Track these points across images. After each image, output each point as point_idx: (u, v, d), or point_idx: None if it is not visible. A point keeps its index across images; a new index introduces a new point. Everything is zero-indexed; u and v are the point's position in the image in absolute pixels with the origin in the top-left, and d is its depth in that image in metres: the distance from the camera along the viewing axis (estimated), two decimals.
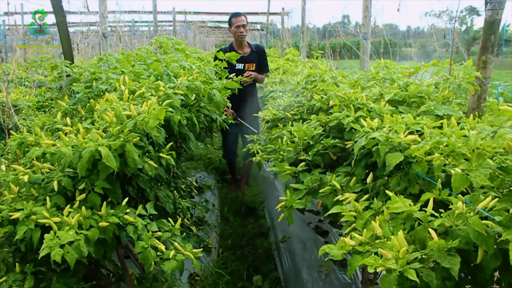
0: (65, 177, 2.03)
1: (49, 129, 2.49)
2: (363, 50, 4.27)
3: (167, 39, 3.76)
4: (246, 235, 4.68)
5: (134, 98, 2.29)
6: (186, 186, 4.08)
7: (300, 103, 3.72)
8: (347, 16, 34.72)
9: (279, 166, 2.56)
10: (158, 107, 1.91)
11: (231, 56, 3.26)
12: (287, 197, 2.41)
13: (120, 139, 1.88)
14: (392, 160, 1.73)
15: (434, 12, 30.51)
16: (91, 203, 2.03)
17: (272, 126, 3.68)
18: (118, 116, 1.97)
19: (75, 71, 2.88)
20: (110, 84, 2.71)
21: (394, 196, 1.64)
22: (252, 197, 5.60)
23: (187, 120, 2.86)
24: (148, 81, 2.50)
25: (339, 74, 3.46)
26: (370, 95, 2.45)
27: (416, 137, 1.75)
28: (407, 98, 2.39)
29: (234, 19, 5.31)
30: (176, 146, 3.29)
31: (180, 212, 3.45)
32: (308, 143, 2.82)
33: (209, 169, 6.37)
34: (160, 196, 3.03)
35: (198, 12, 11.83)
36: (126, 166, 2.08)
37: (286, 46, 9.99)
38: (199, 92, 2.56)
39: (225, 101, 3.18)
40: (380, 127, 1.95)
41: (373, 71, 2.86)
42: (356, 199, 2.16)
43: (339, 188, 2.23)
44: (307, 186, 2.41)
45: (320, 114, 3.20)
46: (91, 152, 1.74)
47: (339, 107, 2.49)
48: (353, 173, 2.44)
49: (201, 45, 19.97)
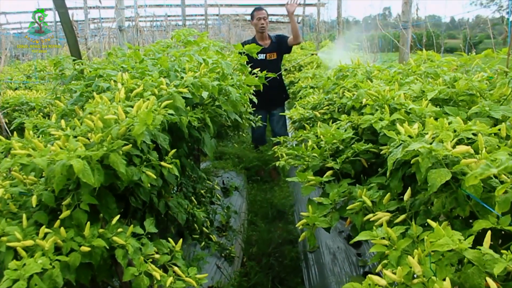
0: (47, 191, 1.75)
1: (43, 133, 2.23)
2: (403, 40, 3.83)
3: (186, 31, 3.45)
4: (273, 241, 4.35)
5: (131, 98, 1.99)
6: (206, 191, 3.78)
7: (330, 101, 3.34)
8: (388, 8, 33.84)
9: (301, 176, 2.20)
10: (145, 111, 1.59)
11: (250, 49, 2.92)
12: (309, 213, 2.05)
13: (103, 148, 1.57)
14: (436, 179, 1.35)
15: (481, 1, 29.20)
16: (76, 221, 1.74)
17: (299, 126, 3.33)
18: (104, 121, 1.66)
19: (77, 68, 2.60)
20: (114, 81, 2.42)
21: (439, 228, 1.27)
22: (282, 200, 5.26)
23: (199, 121, 2.55)
24: (151, 78, 2.19)
25: (374, 68, 3.06)
26: (409, 93, 2.05)
27: (468, 149, 1.36)
28: (455, 96, 1.98)
29: (256, 13, 5.83)
30: (189, 149, 2.99)
31: (195, 222, 3.16)
32: (337, 147, 2.45)
33: (238, 168, 6.06)
34: (171, 205, 2.74)
35: (231, 4, 11.50)
36: (117, 179, 1.79)
37: (322, 39, 9.56)
38: (207, 90, 2.23)
39: (244, 99, 2.85)
40: (421, 134, 1.57)
41: (413, 64, 2.45)
42: (391, 219, 1.80)
43: (370, 205, 1.86)
44: (333, 200, 2.05)
45: (352, 113, 2.82)
46: (63, 166, 1.44)
47: (371, 108, 2.10)
48: (388, 185, 2.06)
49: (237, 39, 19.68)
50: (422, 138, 1.52)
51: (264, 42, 5.92)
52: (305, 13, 12.98)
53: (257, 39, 5.95)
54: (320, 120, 3.13)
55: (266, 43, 5.92)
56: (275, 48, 5.92)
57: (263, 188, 5.82)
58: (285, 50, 6.08)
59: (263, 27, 5.81)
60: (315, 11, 14.51)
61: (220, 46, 3.40)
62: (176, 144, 2.62)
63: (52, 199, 1.72)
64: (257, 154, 6.46)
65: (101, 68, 2.58)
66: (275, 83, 5.23)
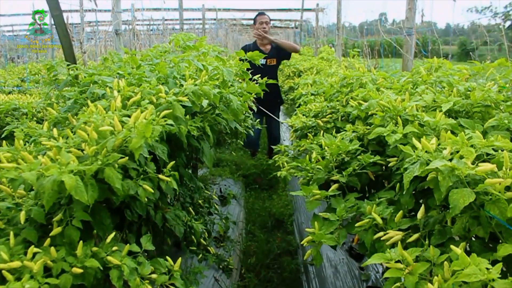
0: (37, 205, 1.63)
1: (35, 142, 2.11)
2: (407, 47, 3.74)
3: (184, 35, 3.34)
4: (272, 252, 4.23)
5: (128, 107, 1.87)
6: (204, 201, 3.66)
7: (333, 109, 3.24)
8: (384, 14, 33.89)
9: (306, 190, 2.10)
10: (144, 122, 1.48)
11: (253, 56, 2.82)
12: (315, 230, 1.94)
13: (98, 162, 1.46)
14: (458, 200, 1.25)
15: (477, 8, 29.32)
16: (68, 238, 1.63)
17: (301, 135, 3.22)
18: (99, 132, 1.55)
19: (71, 73, 2.49)
20: (110, 88, 2.30)
21: (464, 255, 1.16)
22: (280, 209, 5.14)
23: (198, 130, 2.44)
24: (149, 85, 2.08)
25: (379, 75, 2.96)
26: (421, 104, 1.95)
27: (493, 168, 1.26)
28: (469, 107, 1.88)
29: (259, 17, 5.97)
30: (188, 159, 2.88)
31: (193, 234, 3.04)
32: (342, 159, 2.35)
33: (236, 176, 5.95)
34: (169, 218, 2.63)
35: (229, 8, 11.40)
36: (113, 194, 1.67)
37: (321, 45, 9.47)
38: (209, 99, 2.12)
39: (245, 107, 2.74)
40: (438, 150, 1.46)
41: (423, 72, 2.35)
42: (403, 237, 1.69)
43: (380, 222, 1.76)
44: (340, 216, 1.94)
45: (357, 122, 2.71)
46: (54, 182, 1.33)
47: (382, 119, 2.00)
48: (398, 200, 1.96)
49: (234, 44, 19.58)
50: (440, 153, 1.41)
51: (265, 47, 6.02)
52: (303, 18, 12.89)
53: (258, 44, 6.04)
54: (323, 129, 3.02)
55: (267, 48, 6.02)
56: (275, 54, 5.99)
57: (261, 196, 5.71)
58: (284, 57, 6.15)
59: (264, 31, 5.91)
60: (312, 16, 14.44)
61: (219, 51, 3.30)
62: (174, 154, 2.51)
63: (42, 215, 1.60)
64: (255, 162, 6.37)
65: (96, 74, 2.47)
66: (272, 88, 5.20)
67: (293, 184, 5.71)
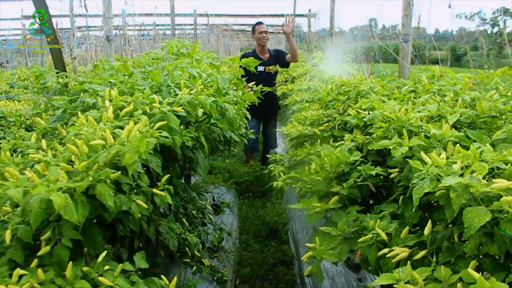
0: (24, 223, 1.54)
1: (22, 153, 2.01)
2: (403, 54, 3.68)
3: (178, 42, 3.26)
4: (266, 262, 4.15)
5: (121, 117, 1.79)
6: (197, 211, 3.57)
7: (330, 117, 3.17)
8: (374, 19, 34.01)
9: (306, 203, 2.02)
10: (139, 135, 1.39)
11: (248, 62, 2.74)
12: (315, 245, 1.87)
13: (89, 178, 1.37)
14: (474, 220, 1.18)
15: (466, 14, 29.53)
16: (57, 258, 1.54)
17: (297, 144, 3.15)
18: (90, 146, 1.46)
19: (60, 81, 2.40)
20: (101, 97, 2.21)
21: (483, 280, 1.09)
22: (274, 217, 5.05)
23: (193, 140, 2.36)
24: (142, 95, 1.99)
25: (377, 83, 2.91)
26: (424, 114, 1.88)
27: (509, 184, 1.19)
28: (475, 118, 1.82)
29: (257, 27, 6.19)
30: (181, 169, 2.80)
31: (187, 246, 2.95)
32: (342, 170, 2.27)
33: (229, 184, 5.86)
34: (162, 231, 2.54)
35: (221, 14, 11.31)
36: (105, 211, 1.59)
37: (314, 50, 9.41)
38: (206, 109, 2.04)
39: (240, 115, 2.66)
40: (448, 164, 1.39)
41: (425, 81, 2.28)
42: (409, 255, 1.62)
43: (385, 238, 1.68)
44: (342, 231, 1.87)
45: (355, 131, 2.65)
46: (41, 201, 1.24)
47: (386, 130, 1.92)
48: (401, 214, 1.89)
49: (225, 49, 19.53)
50: (450, 168, 1.34)
51: (264, 55, 6.24)
52: (295, 24, 12.86)
53: (257, 52, 6.27)
54: (320, 137, 2.96)
55: (266, 56, 6.25)
56: (273, 62, 6.17)
57: (254, 204, 5.63)
58: (282, 65, 6.24)
59: (264, 40, 6.19)
60: (303, 21, 14.40)
61: (213, 58, 3.22)
62: (167, 165, 2.42)
63: (30, 234, 1.51)
64: (248, 169, 6.29)
65: (87, 82, 2.38)
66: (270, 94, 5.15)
67: (288, 193, 5.64)
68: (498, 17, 26.92)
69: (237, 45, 30.53)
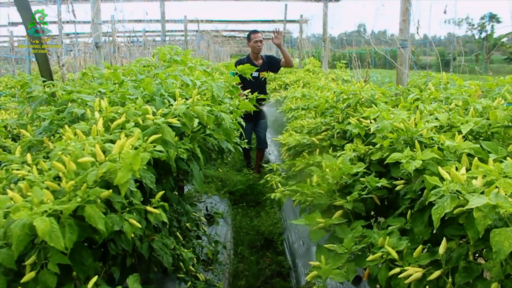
0: (6, 247, 1.41)
1: (5, 169, 1.88)
2: (401, 60, 3.59)
3: (170, 48, 3.14)
4: (262, 274, 4.03)
5: (112, 130, 1.67)
6: (192, 224, 3.45)
7: (328, 125, 3.07)
8: (362, 25, 34.13)
9: (309, 219, 1.91)
10: (132, 151, 1.27)
11: (244, 69, 2.64)
12: (321, 264, 1.76)
13: (77, 198, 1.25)
14: (503, 243, 1.07)
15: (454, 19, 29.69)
16: (43, 284, 1.41)
17: (295, 153, 3.04)
18: (79, 163, 1.34)
19: (46, 91, 2.27)
20: (90, 108, 2.09)
21: None
22: (269, 227, 4.93)
23: (187, 152, 2.24)
24: (134, 105, 1.87)
25: (378, 90, 2.82)
26: (433, 124, 1.78)
27: None
28: (487, 127, 1.72)
29: (253, 35, 6.50)
30: (175, 181, 2.68)
31: (181, 261, 2.82)
32: (345, 182, 2.17)
33: (222, 193, 5.73)
34: (156, 247, 2.42)
35: (211, 20, 11.21)
36: (95, 233, 1.46)
37: (306, 56, 9.35)
38: (203, 121, 1.93)
39: (236, 125, 2.55)
40: (468, 180, 1.29)
41: (432, 88, 2.19)
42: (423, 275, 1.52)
43: (396, 257, 1.58)
44: (349, 248, 1.76)
45: (356, 141, 2.55)
46: (23, 226, 1.12)
47: (396, 142, 1.82)
48: (410, 229, 1.79)
49: (216, 56, 19.43)
50: (471, 186, 1.24)
51: (258, 61, 6.57)
52: (286, 29, 12.79)
53: (252, 58, 6.59)
54: (319, 147, 2.85)
55: (260, 62, 6.57)
56: (266, 68, 6.52)
57: (248, 213, 5.51)
58: (274, 70, 6.67)
59: (259, 49, 6.54)
60: (295, 27, 14.34)
61: (207, 65, 3.11)
62: (161, 178, 2.31)
63: (12, 259, 1.37)
64: (242, 178, 6.17)
65: (75, 92, 2.26)
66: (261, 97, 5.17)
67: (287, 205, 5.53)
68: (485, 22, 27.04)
69: (227, 52, 30.45)
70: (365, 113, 2.14)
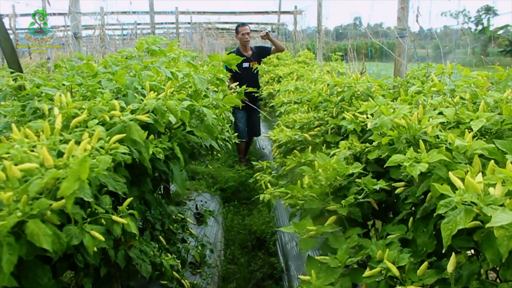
0: None
1: None
2: (399, 51, 3.39)
3: (152, 39, 2.92)
4: (253, 277, 3.83)
5: (71, 129, 1.45)
6: (176, 226, 3.24)
7: (321, 120, 2.86)
8: (358, 18, 33.94)
9: (299, 227, 1.71)
10: (79, 158, 1.06)
11: (229, 60, 2.42)
12: (311, 279, 1.55)
13: (17, 213, 1.04)
14: None
15: (451, 12, 29.61)
16: None
17: (286, 151, 2.83)
18: (26, 170, 1.13)
19: (11, 84, 2.05)
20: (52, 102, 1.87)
21: None
22: (261, 226, 4.73)
23: (167, 151, 2.03)
24: (100, 100, 1.66)
25: (374, 82, 2.61)
26: (439, 121, 1.57)
27: None
28: (498, 124, 1.52)
29: (241, 28, 6.94)
30: (155, 183, 2.48)
31: (163, 269, 2.61)
32: (340, 184, 1.97)
33: (213, 190, 5.53)
34: (133, 256, 2.21)
35: (204, 12, 10.93)
36: (46, 250, 1.25)
37: (300, 49, 9.11)
38: (176, 117, 1.71)
39: (222, 121, 2.34)
40: (485, 189, 1.08)
41: (436, 80, 1.98)
42: None
43: (397, 274, 1.38)
44: (343, 262, 1.56)
45: (351, 137, 2.34)
46: None
47: (397, 140, 1.61)
48: (413, 240, 1.59)
49: (210, 49, 19.13)
50: (489, 196, 1.03)
51: (248, 52, 7.00)
52: (280, 21, 12.55)
53: (241, 50, 6.99)
54: (311, 144, 2.65)
55: (249, 53, 7.01)
56: (256, 57, 7.05)
57: (240, 211, 5.31)
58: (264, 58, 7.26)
59: (247, 41, 6.98)
60: (289, 19, 14.09)
61: (192, 56, 2.89)
62: (137, 180, 2.09)
63: None
64: (234, 174, 5.97)
65: (42, 85, 2.04)
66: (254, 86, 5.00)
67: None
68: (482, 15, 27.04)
69: (221, 45, 30.12)
70: (361, 108, 1.93)
